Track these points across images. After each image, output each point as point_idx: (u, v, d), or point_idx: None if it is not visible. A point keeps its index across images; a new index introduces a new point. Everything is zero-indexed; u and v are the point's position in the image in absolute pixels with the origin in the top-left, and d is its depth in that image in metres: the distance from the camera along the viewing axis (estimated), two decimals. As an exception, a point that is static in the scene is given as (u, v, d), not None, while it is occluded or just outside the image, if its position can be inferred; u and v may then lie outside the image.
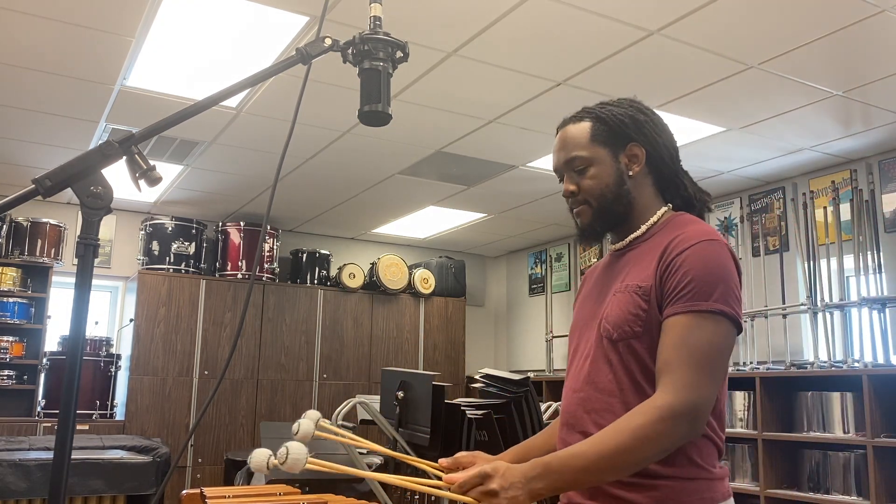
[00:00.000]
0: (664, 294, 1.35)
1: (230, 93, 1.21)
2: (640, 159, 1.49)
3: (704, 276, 1.32)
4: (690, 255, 1.34)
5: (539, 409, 3.38)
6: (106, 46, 3.40)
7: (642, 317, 1.36)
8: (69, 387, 1.02)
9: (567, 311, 6.97)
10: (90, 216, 1.06)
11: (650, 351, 1.35)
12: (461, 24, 3.16)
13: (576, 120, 1.54)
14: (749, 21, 3.10)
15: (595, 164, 1.49)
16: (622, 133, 1.49)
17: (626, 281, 1.44)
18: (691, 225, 1.44)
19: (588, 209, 1.51)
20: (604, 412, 1.38)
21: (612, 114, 1.50)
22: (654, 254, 1.42)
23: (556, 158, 1.56)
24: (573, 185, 1.52)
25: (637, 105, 1.53)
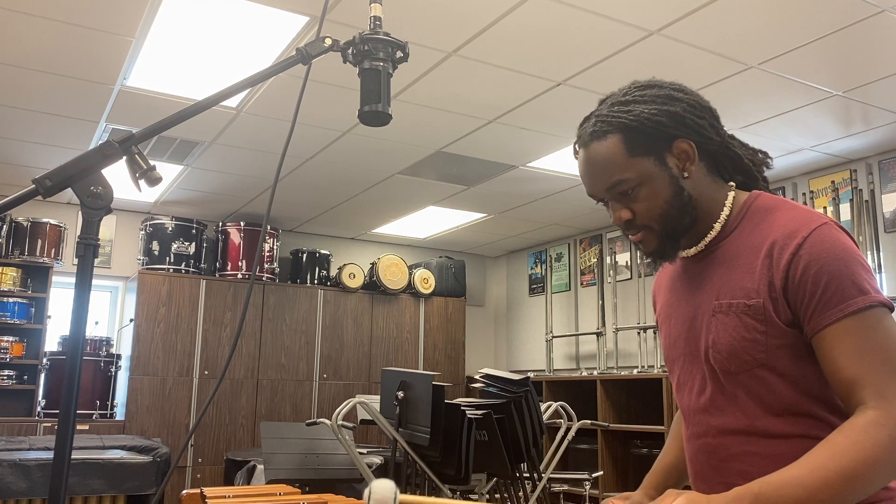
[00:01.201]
0: (800, 306, 1.15)
1: (230, 93, 1.21)
2: (692, 155, 1.25)
3: (838, 269, 1.13)
4: (812, 252, 1.14)
5: (539, 409, 3.38)
6: (106, 46, 3.40)
7: (761, 341, 1.17)
8: (69, 387, 1.02)
9: (567, 311, 6.98)
10: (90, 216, 1.06)
11: (781, 376, 1.17)
12: (461, 24, 3.16)
13: (598, 136, 1.25)
14: (749, 21, 3.10)
15: (645, 183, 1.23)
16: (663, 135, 1.23)
17: (723, 297, 1.22)
18: (781, 211, 1.23)
19: (651, 234, 1.27)
20: (744, 457, 1.20)
21: (641, 117, 1.23)
22: (750, 259, 1.21)
23: (592, 185, 1.28)
24: (626, 211, 1.26)
25: (664, 91, 1.26)
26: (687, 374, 1.31)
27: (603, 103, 1.30)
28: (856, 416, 1.09)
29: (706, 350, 1.24)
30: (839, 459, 1.05)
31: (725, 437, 1.22)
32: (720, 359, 1.21)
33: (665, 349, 1.38)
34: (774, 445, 1.18)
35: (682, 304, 1.33)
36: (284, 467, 3.75)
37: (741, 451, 1.21)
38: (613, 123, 1.24)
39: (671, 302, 1.37)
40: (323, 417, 3.94)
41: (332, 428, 3.33)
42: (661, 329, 1.42)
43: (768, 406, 1.18)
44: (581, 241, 6.94)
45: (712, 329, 1.23)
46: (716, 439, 1.24)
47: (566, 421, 3.86)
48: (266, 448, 3.79)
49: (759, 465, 1.18)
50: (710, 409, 1.24)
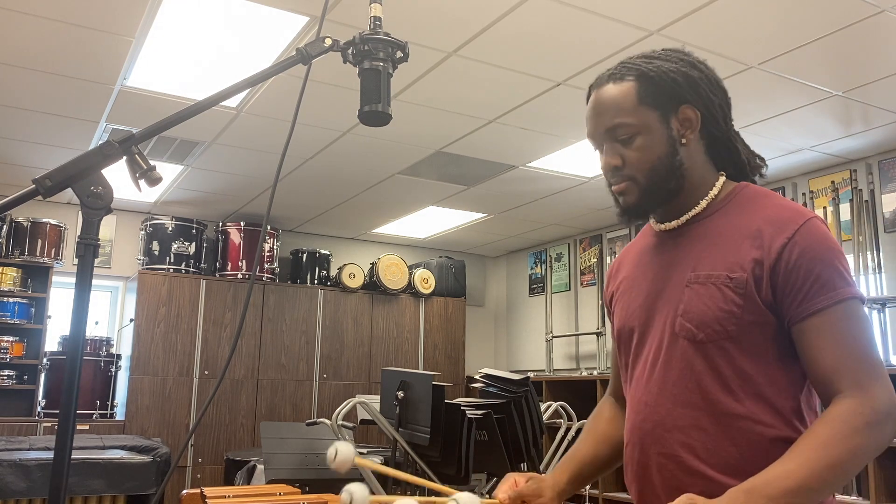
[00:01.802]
0: (789, 290, 1.17)
1: (230, 93, 1.21)
2: (694, 124, 1.27)
3: (830, 260, 1.17)
4: (806, 241, 1.18)
5: (539, 409, 3.38)
6: (106, 46, 3.40)
7: (736, 313, 1.19)
8: (69, 387, 1.02)
9: (567, 311, 6.98)
10: (90, 216, 1.06)
11: (746, 354, 1.19)
12: (461, 24, 3.16)
13: (616, 78, 1.28)
14: (749, 21, 3.10)
15: (643, 133, 1.26)
16: (674, 93, 1.26)
17: (700, 269, 1.24)
18: (770, 199, 1.26)
19: (634, 186, 1.28)
20: (690, 429, 1.21)
21: (661, 70, 1.26)
22: (736, 237, 1.23)
23: (594, 124, 1.30)
24: (616, 157, 1.28)
25: (688, 58, 1.30)
26: (642, 342, 1.32)
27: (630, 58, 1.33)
28: (834, 405, 1.13)
29: (674, 318, 1.25)
30: (824, 449, 1.09)
31: (675, 406, 1.23)
32: (689, 327, 1.22)
33: (621, 318, 1.38)
34: (722, 423, 1.19)
35: (649, 277, 1.34)
36: (284, 467, 3.75)
37: (688, 424, 1.22)
38: (632, 69, 1.28)
39: (635, 275, 1.38)
40: (323, 417, 3.94)
41: (332, 428, 3.33)
42: (617, 300, 1.42)
43: (724, 381, 1.20)
44: (581, 241, 6.94)
45: (684, 298, 1.24)
46: (664, 408, 1.24)
47: (566, 421, 3.86)
48: (266, 448, 3.79)
49: (703, 440, 1.20)
50: (666, 378, 1.25)
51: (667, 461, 1.24)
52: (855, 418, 1.10)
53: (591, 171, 5.02)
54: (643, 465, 1.28)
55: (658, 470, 1.25)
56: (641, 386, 1.30)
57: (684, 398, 1.23)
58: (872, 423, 1.10)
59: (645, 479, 1.28)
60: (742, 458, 1.18)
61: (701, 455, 1.20)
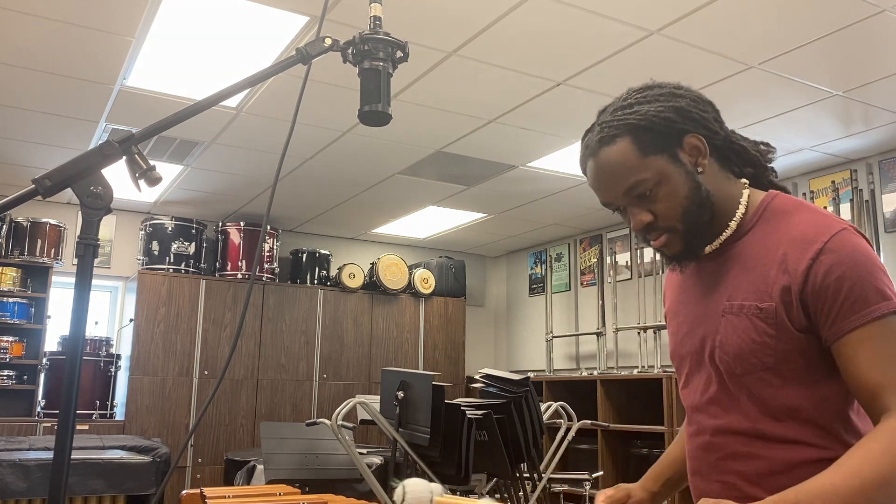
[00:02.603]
0: (820, 311, 1.14)
1: (230, 93, 1.21)
2: (703, 149, 1.23)
3: (860, 275, 1.12)
4: (833, 257, 1.13)
5: (539, 409, 3.38)
6: (106, 46, 3.40)
7: (770, 345, 1.16)
8: (69, 387, 1.02)
9: (567, 311, 6.98)
10: (90, 216, 1.06)
11: (786, 381, 1.17)
12: (461, 24, 3.16)
13: (607, 141, 1.23)
14: (749, 21, 3.10)
15: (663, 181, 1.21)
16: (672, 131, 1.21)
17: (733, 298, 1.21)
18: (798, 214, 1.22)
19: (674, 236, 1.23)
20: (743, 458, 1.20)
21: (648, 115, 1.21)
22: (765, 261, 1.20)
23: (607, 192, 1.25)
24: (647, 214, 1.23)
25: (665, 90, 1.25)
26: (693, 371, 1.31)
27: (603, 112, 1.27)
28: (884, 421, 1.09)
29: (712, 350, 1.23)
30: (873, 466, 1.05)
31: (726, 436, 1.23)
32: (726, 360, 1.20)
33: (672, 346, 1.38)
34: (773, 449, 1.18)
35: (692, 302, 1.32)
36: (284, 467, 3.75)
37: (739, 452, 1.21)
38: (620, 126, 1.22)
39: (681, 299, 1.36)
40: (323, 417, 3.94)
41: (332, 428, 3.33)
42: (669, 323, 1.41)
43: (771, 410, 1.18)
44: (581, 241, 6.94)
45: (720, 329, 1.22)
46: (716, 437, 1.24)
47: (566, 421, 3.86)
48: (266, 448, 3.79)
49: (756, 466, 1.19)
50: (713, 407, 1.25)
51: (725, 489, 1.23)
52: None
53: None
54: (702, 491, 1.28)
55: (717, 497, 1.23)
56: (693, 413, 1.30)
57: (734, 427, 1.22)
58: None
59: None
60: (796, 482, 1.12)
61: (756, 482, 1.19)
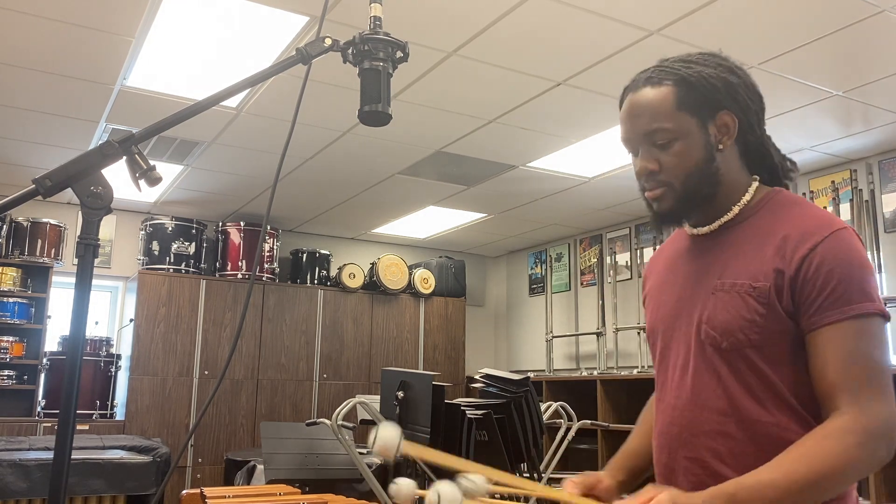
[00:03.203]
0: (804, 300, 1.17)
1: (230, 93, 1.21)
2: (731, 130, 1.26)
3: (850, 273, 1.16)
4: (828, 252, 1.17)
5: (539, 409, 3.38)
6: (106, 46, 3.40)
7: (759, 323, 1.19)
8: (69, 387, 1.02)
9: (567, 311, 6.98)
10: (90, 216, 1.06)
11: (769, 362, 1.19)
12: (461, 24, 3.16)
13: (654, 82, 1.28)
14: (749, 21, 3.10)
15: (682, 138, 1.24)
16: (713, 99, 1.25)
17: (726, 277, 1.24)
18: (801, 208, 1.26)
19: (670, 192, 1.27)
20: (716, 435, 1.22)
21: (700, 75, 1.25)
22: (762, 245, 1.23)
23: (630, 128, 1.29)
24: (654, 162, 1.26)
25: (727, 63, 1.29)
26: (670, 347, 1.33)
27: (665, 60, 1.32)
28: (829, 420, 1.14)
29: (699, 325, 1.25)
30: (810, 464, 1.09)
31: (703, 412, 1.24)
32: (713, 335, 1.23)
33: (650, 321, 1.40)
34: (747, 428, 1.20)
35: (680, 280, 1.34)
36: (284, 467, 3.75)
37: (714, 430, 1.22)
38: (672, 74, 1.27)
39: (667, 278, 1.38)
40: (323, 417, 3.94)
41: (332, 428, 3.33)
42: (648, 302, 1.43)
43: (750, 389, 1.20)
44: (581, 241, 6.94)
45: (709, 306, 1.25)
46: (692, 413, 1.25)
47: (566, 421, 3.86)
48: (266, 448, 3.79)
49: (728, 445, 1.21)
50: (690, 383, 1.26)
51: (693, 465, 1.25)
52: (846, 437, 1.10)
53: (591, 171, 5.02)
54: (670, 468, 1.29)
55: (684, 474, 1.26)
56: (670, 390, 1.31)
57: (711, 404, 1.23)
58: (863, 443, 1.10)
59: (670, 482, 1.28)
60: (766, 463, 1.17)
61: (727, 460, 1.21)
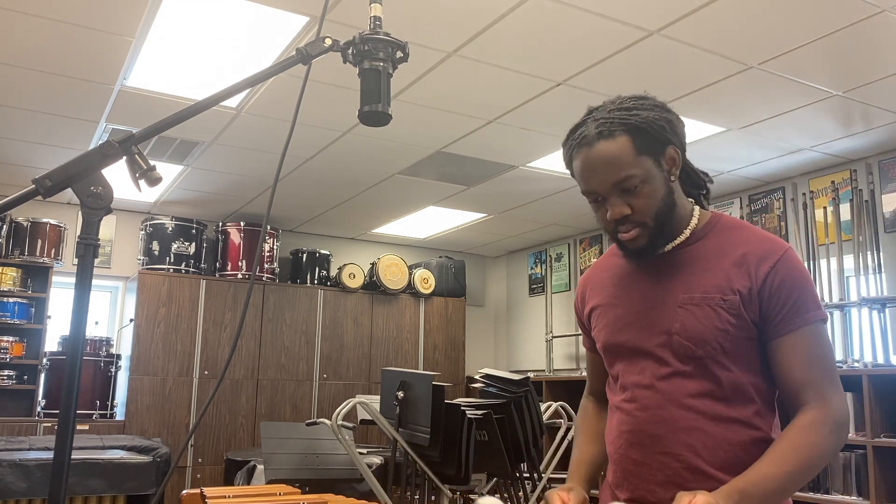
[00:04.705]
0: (770, 311, 1.33)
1: (230, 93, 1.21)
2: (678, 162, 1.40)
3: (804, 286, 1.35)
4: (785, 269, 1.34)
5: (539, 409, 3.38)
6: (106, 46, 3.40)
7: (731, 332, 1.34)
8: (69, 387, 1.02)
9: (567, 311, 6.97)
10: (90, 216, 1.06)
11: (737, 365, 1.35)
12: (461, 24, 3.16)
13: (606, 135, 1.35)
14: (749, 21, 3.10)
15: (647, 180, 1.35)
16: (662, 138, 1.36)
17: (693, 292, 1.37)
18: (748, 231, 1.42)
19: (644, 231, 1.38)
20: (692, 431, 1.35)
21: (647, 119, 1.35)
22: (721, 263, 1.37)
23: (597, 182, 1.37)
24: (626, 207, 1.36)
25: (658, 103, 1.40)
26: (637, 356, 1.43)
27: (596, 111, 1.40)
28: (801, 414, 1.31)
29: (670, 336, 1.38)
30: (798, 455, 1.27)
31: (680, 411, 1.36)
32: (686, 344, 1.36)
33: (608, 334, 1.48)
34: (720, 426, 1.35)
35: (636, 297, 1.45)
36: (284, 467, 3.75)
37: (690, 426, 1.35)
38: (622, 125, 1.35)
39: (618, 294, 1.49)
40: (323, 417, 3.94)
41: (332, 428, 3.33)
42: (598, 318, 1.53)
43: (721, 389, 1.35)
44: (581, 241, 6.94)
45: (678, 318, 1.37)
46: (668, 412, 1.37)
47: (566, 421, 3.86)
48: (266, 448, 3.79)
49: (703, 440, 1.34)
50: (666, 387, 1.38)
51: (670, 460, 1.36)
52: (820, 427, 1.29)
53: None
54: (641, 463, 1.40)
55: (660, 468, 1.37)
56: (639, 393, 1.41)
57: (686, 403, 1.36)
58: (834, 430, 1.30)
59: (641, 477, 1.40)
60: (736, 457, 1.34)
61: (702, 454, 1.34)
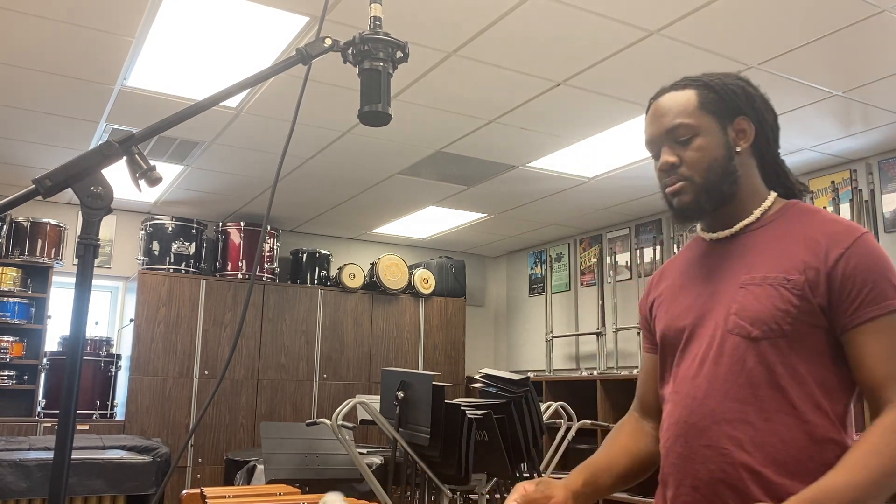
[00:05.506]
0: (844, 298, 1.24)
1: (230, 93, 1.21)
2: (748, 135, 1.36)
3: (883, 273, 1.25)
4: (861, 253, 1.25)
5: (539, 409, 3.38)
6: (106, 46, 3.40)
7: (792, 313, 1.24)
8: (69, 387, 1.02)
9: (567, 311, 6.97)
10: (90, 216, 1.06)
11: (798, 353, 1.24)
12: (461, 24, 3.16)
13: (678, 87, 1.38)
14: (749, 21, 3.10)
15: (702, 134, 1.34)
16: (732, 104, 1.35)
17: (756, 272, 1.30)
18: (821, 215, 1.34)
19: (690, 186, 1.34)
20: (738, 423, 1.25)
21: (721, 83, 1.36)
22: (789, 245, 1.30)
23: (654, 128, 1.38)
24: (674, 156, 1.35)
25: (746, 79, 1.40)
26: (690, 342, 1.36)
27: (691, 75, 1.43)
28: (885, 414, 1.19)
29: (727, 317, 1.30)
30: (879, 458, 1.15)
31: (725, 402, 1.27)
32: (742, 324, 1.27)
33: (665, 322, 1.42)
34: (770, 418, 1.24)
35: (698, 282, 1.40)
36: (284, 467, 3.75)
37: (736, 418, 1.26)
38: (694, 81, 1.38)
39: (682, 283, 1.44)
40: (323, 417, 3.94)
41: (332, 428, 3.33)
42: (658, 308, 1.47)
43: (775, 378, 1.24)
44: (581, 241, 6.94)
45: (738, 299, 1.30)
46: (713, 402, 1.28)
47: (566, 421, 3.86)
48: (266, 448, 3.79)
49: (750, 434, 1.24)
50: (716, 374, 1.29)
51: (713, 454, 1.27)
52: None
53: (591, 171, 5.02)
54: (685, 457, 1.31)
55: (703, 462, 1.28)
56: (687, 382, 1.34)
57: (734, 393, 1.27)
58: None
59: (686, 471, 1.31)
60: (787, 454, 1.22)
61: (747, 448, 1.24)
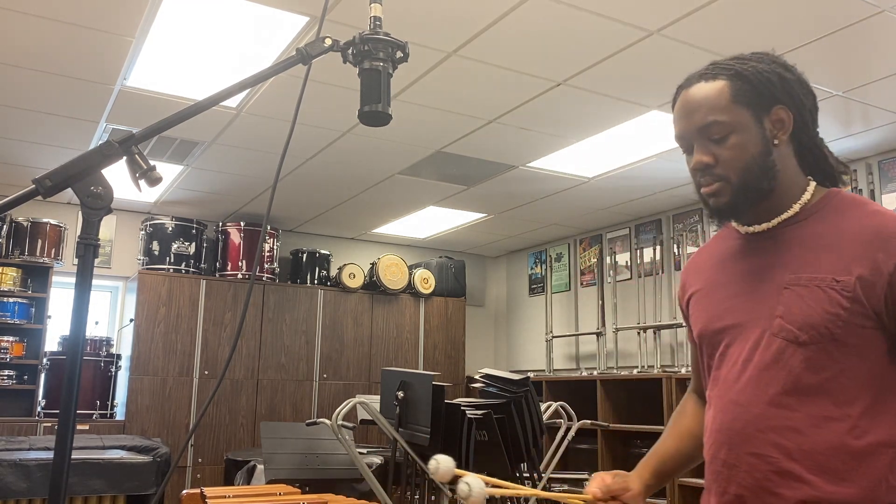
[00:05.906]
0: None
1: (230, 93, 1.21)
2: (786, 125, 1.27)
3: None
4: None
5: (539, 409, 3.38)
6: (106, 46, 3.40)
7: (843, 316, 1.17)
8: (69, 387, 1.02)
9: (567, 311, 6.98)
10: (90, 216, 1.06)
11: (849, 357, 1.18)
12: (461, 24, 3.16)
13: (708, 77, 1.29)
14: (749, 21, 3.10)
15: (738, 131, 1.25)
16: (768, 94, 1.26)
17: (801, 272, 1.22)
18: (869, 206, 1.26)
19: (727, 186, 1.26)
20: (784, 430, 1.19)
21: (755, 70, 1.26)
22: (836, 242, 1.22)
23: (685, 124, 1.30)
24: (709, 155, 1.26)
25: (781, 61, 1.30)
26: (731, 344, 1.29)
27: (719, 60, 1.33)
28: None
29: (771, 320, 1.23)
30: None
31: (770, 408, 1.21)
32: (790, 328, 1.20)
33: (703, 321, 1.36)
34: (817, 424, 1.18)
35: (737, 279, 1.32)
36: (284, 467, 3.75)
37: (782, 425, 1.20)
38: (726, 69, 1.28)
39: (719, 278, 1.36)
40: (323, 417, 3.94)
41: (332, 428, 3.33)
42: (696, 304, 1.40)
43: (822, 384, 1.18)
44: (581, 241, 6.94)
45: (782, 300, 1.22)
46: (757, 409, 1.22)
47: (566, 421, 3.86)
48: (266, 448, 3.79)
49: (797, 441, 1.19)
50: (758, 379, 1.23)
51: (758, 461, 1.21)
52: None
53: (591, 171, 5.02)
54: (730, 465, 1.25)
55: (748, 470, 1.23)
56: (730, 386, 1.27)
57: (779, 399, 1.21)
58: None
59: (731, 480, 1.25)
60: (841, 463, 1.16)
61: (795, 456, 1.19)
